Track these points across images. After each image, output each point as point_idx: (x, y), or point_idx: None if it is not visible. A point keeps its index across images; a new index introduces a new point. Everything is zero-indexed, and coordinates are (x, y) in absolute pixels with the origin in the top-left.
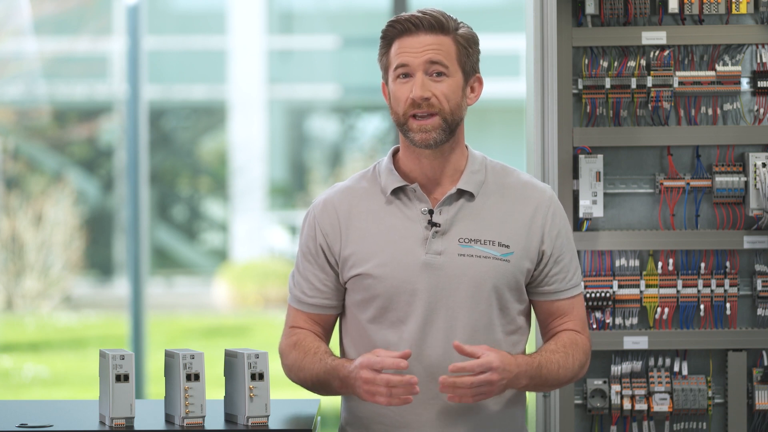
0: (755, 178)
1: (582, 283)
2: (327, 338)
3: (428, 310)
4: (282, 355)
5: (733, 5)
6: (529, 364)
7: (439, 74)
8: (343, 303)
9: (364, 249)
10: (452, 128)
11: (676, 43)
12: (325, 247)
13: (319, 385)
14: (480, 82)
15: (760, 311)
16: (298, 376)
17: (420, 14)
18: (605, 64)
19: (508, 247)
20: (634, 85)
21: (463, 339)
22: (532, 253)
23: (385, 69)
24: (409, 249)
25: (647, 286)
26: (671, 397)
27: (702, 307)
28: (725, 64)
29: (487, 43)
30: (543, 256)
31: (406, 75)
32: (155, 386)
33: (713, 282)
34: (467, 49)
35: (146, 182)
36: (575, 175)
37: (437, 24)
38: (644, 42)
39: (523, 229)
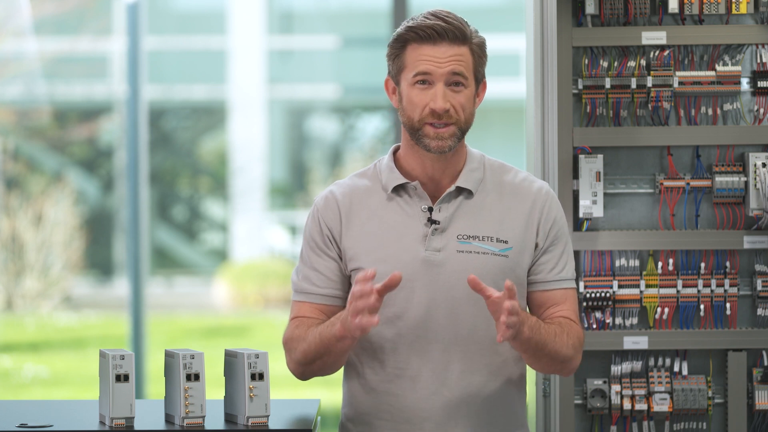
0: (755, 178)
1: (574, 281)
2: None
3: (427, 306)
4: (285, 343)
5: (733, 5)
6: (528, 315)
7: (458, 84)
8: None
9: (364, 245)
10: (463, 136)
11: (676, 43)
12: (331, 238)
13: (322, 346)
14: (484, 87)
15: (760, 311)
16: (302, 349)
17: (443, 23)
18: (605, 64)
19: (506, 242)
20: (634, 85)
21: (464, 335)
22: (530, 247)
23: (398, 70)
24: (409, 246)
25: (647, 286)
26: (671, 397)
27: (702, 307)
28: (725, 64)
29: (487, 44)
30: (537, 247)
31: (425, 82)
32: (155, 386)
33: (713, 282)
34: (481, 57)
35: (146, 182)
36: (575, 175)
37: (461, 35)
38: (644, 42)
39: (520, 225)
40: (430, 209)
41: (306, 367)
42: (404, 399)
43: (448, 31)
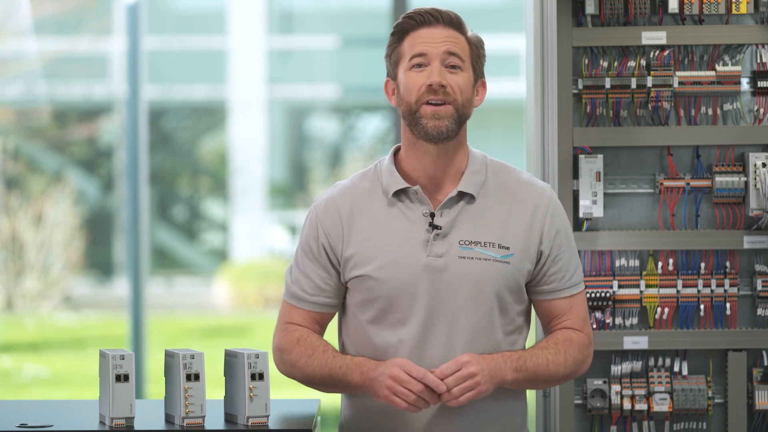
0: (755, 178)
1: (583, 282)
2: (322, 336)
3: (429, 312)
4: (282, 351)
5: (733, 5)
6: (507, 357)
7: (455, 67)
8: (343, 302)
9: (366, 251)
10: (461, 122)
11: (676, 43)
12: (327, 247)
13: (329, 380)
14: (484, 86)
15: (760, 311)
16: (304, 371)
17: (439, 10)
18: (605, 64)
19: (508, 248)
20: (634, 85)
21: (464, 340)
22: (532, 254)
23: (396, 62)
24: (411, 251)
25: (647, 286)
26: (671, 397)
27: (702, 307)
28: (725, 64)
29: (487, 43)
30: (541, 255)
31: (421, 65)
32: (155, 386)
33: (713, 282)
34: (478, 50)
35: (146, 182)
36: (575, 175)
37: (456, 20)
38: (644, 42)
39: (522, 231)
40: (432, 214)
41: (304, 384)
42: None
43: (443, 14)
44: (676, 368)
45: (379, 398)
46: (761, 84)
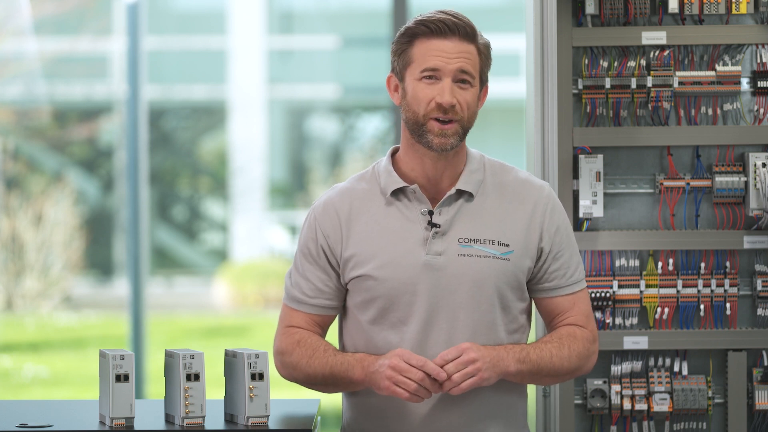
0: (755, 178)
1: (585, 280)
2: (323, 338)
3: (429, 310)
4: (283, 353)
5: (733, 5)
6: (510, 348)
7: (464, 82)
8: (344, 304)
9: (365, 250)
10: (464, 135)
11: (676, 43)
12: (326, 249)
13: (331, 378)
14: (486, 91)
15: (760, 311)
16: (305, 372)
17: (454, 19)
18: (605, 64)
19: (507, 245)
20: (634, 85)
21: (465, 338)
22: (532, 251)
23: (404, 65)
24: (410, 250)
25: (647, 286)
26: (671, 397)
27: (702, 307)
28: (725, 64)
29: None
30: (542, 253)
31: (432, 77)
32: (155, 386)
33: (713, 282)
34: (486, 59)
35: (146, 182)
36: (575, 175)
37: (470, 32)
38: (644, 42)
39: (522, 228)
40: (431, 213)
41: (306, 386)
42: (406, 402)
43: (459, 26)
44: (676, 368)
45: (381, 391)
46: (761, 84)
